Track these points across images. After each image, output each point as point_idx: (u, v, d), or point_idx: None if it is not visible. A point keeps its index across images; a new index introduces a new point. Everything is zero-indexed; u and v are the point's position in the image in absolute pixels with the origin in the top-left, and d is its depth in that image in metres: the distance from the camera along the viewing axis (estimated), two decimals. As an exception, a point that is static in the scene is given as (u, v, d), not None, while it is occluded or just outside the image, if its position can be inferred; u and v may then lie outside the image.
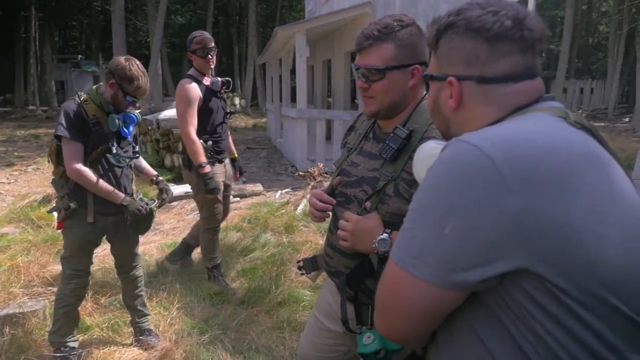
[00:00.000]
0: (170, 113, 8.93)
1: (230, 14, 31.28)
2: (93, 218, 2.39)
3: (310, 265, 1.69)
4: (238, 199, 6.40)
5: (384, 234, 1.26)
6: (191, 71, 3.40)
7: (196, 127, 3.25)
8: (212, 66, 3.36)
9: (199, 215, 3.64)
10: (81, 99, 2.35)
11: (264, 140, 14.39)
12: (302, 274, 1.75)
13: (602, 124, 19.52)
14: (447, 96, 0.86)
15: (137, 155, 2.57)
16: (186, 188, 6.35)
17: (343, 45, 10.07)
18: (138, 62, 2.34)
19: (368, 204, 1.32)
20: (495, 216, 0.66)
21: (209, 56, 3.30)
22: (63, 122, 2.28)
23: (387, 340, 1.14)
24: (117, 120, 2.35)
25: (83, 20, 31.60)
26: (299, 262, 1.74)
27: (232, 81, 3.61)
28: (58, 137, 2.31)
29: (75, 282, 2.47)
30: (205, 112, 3.33)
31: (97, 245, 2.57)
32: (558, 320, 0.68)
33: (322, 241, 4.51)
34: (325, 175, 6.36)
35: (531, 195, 0.66)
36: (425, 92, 1.40)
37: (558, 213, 0.66)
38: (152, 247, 4.51)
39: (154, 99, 16.85)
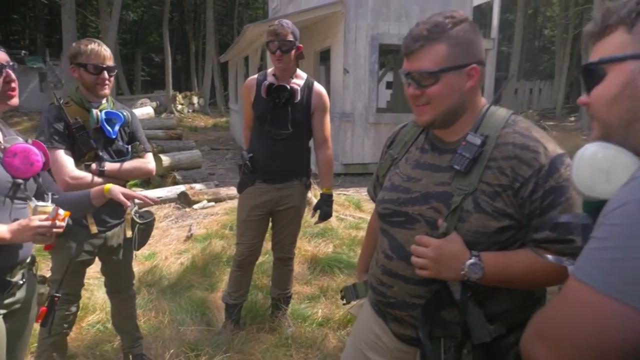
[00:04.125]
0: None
1: (186, 10, 30.42)
2: (96, 228, 2.15)
3: (352, 294, 1.54)
4: (213, 203, 6.11)
5: (473, 258, 1.11)
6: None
7: None
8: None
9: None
10: (61, 102, 2.11)
11: (227, 140, 14.00)
12: (344, 304, 1.60)
13: (552, 123, 20.37)
14: None
15: (125, 158, 2.26)
16: (159, 193, 6.00)
17: (312, 44, 9.89)
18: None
19: (441, 222, 1.17)
20: None
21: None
22: (45, 129, 2.04)
23: None
24: (94, 114, 2.11)
25: (27, 13, 29.75)
26: (341, 291, 1.59)
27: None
28: None
29: (65, 307, 2.18)
30: None
31: (90, 264, 2.28)
32: None
33: (309, 247, 4.33)
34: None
35: None
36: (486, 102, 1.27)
37: None
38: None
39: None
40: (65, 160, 2.05)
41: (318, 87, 2.77)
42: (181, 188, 6.21)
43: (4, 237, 1.39)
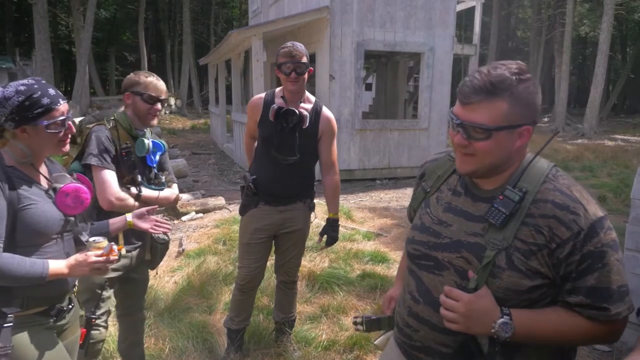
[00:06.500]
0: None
1: (161, 9, 29.83)
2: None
3: (374, 327, 1.52)
4: (201, 214, 6.00)
5: (504, 317, 1.10)
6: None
7: None
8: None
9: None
10: (111, 125, 2.14)
11: (208, 144, 13.80)
12: (358, 330, 1.56)
13: (528, 125, 20.87)
14: None
15: (162, 187, 2.29)
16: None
17: (296, 49, 9.83)
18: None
19: (472, 275, 1.15)
20: None
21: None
22: (96, 148, 2.06)
23: None
24: (146, 143, 2.17)
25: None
26: (355, 317, 1.56)
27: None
28: (87, 166, 2.06)
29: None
30: None
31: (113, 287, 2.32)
32: None
33: (305, 262, 4.27)
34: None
35: None
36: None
37: None
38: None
39: (81, 101, 15.67)
40: (113, 181, 2.08)
41: (327, 112, 2.70)
42: (168, 199, 6.07)
43: (63, 272, 1.50)
